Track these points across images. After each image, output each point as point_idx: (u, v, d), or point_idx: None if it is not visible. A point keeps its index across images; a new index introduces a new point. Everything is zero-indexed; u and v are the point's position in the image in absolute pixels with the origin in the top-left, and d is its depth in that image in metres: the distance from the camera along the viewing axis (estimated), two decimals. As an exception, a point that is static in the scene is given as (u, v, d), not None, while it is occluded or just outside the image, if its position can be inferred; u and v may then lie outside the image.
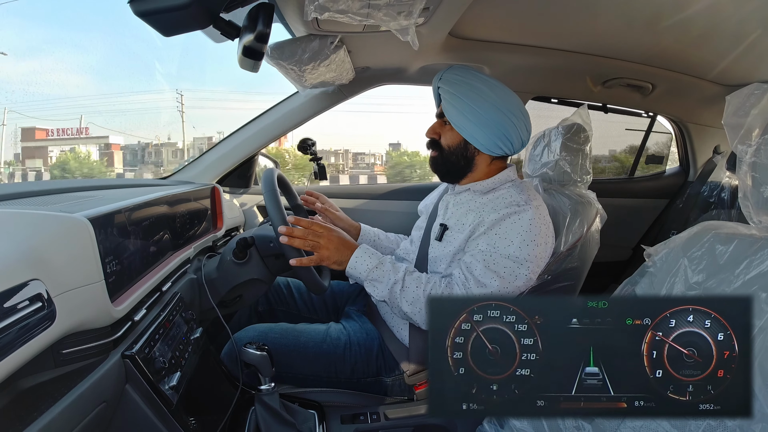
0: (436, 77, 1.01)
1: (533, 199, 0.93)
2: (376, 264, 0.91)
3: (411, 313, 0.90)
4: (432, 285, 0.90)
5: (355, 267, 0.91)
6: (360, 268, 0.91)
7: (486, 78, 0.97)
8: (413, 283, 0.90)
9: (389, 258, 0.94)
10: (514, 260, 0.87)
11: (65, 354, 0.55)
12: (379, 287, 0.90)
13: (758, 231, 0.60)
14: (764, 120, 0.58)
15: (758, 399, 0.48)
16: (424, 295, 0.89)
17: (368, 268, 0.90)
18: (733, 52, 1.24)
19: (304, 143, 1.46)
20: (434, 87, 1.02)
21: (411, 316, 0.90)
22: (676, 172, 1.96)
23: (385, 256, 0.94)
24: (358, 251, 0.92)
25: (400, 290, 0.89)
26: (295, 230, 0.88)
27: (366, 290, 0.92)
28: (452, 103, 0.96)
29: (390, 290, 0.89)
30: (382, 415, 0.97)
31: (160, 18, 0.61)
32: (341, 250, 0.92)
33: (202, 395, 0.88)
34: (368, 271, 0.90)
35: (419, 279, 0.91)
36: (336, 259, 0.91)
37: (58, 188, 0.88)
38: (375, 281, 0.90)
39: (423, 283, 0.90)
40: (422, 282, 0.90)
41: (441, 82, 0.99)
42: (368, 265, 0.91)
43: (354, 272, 0.92)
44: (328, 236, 0.91)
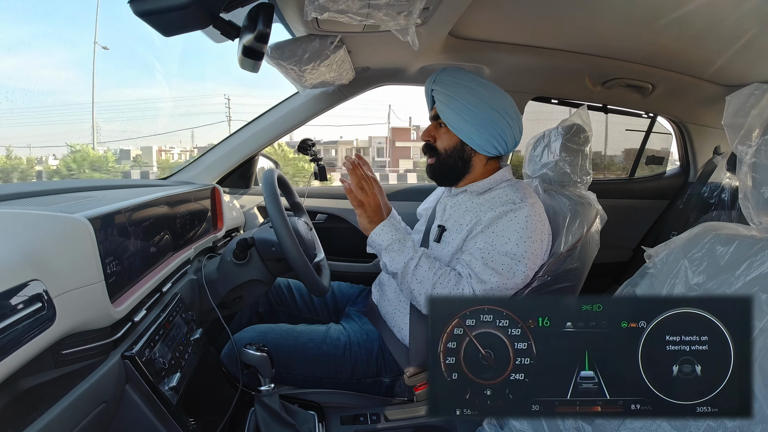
0: (429, 80, 1.02)
1: (529, 197, 0.94)
2: (400, 238, 0.95)
3: (417, 293, 0.92)
4: (443, 272, 0.92)
5: (380, 234, 0.95)
6: (384, 237, 0.94)
7: (479, 79, 0.98)
8: (427, 265, 0.92)
9: (412, 237, 0.99)
10: (512, 257, 0.89)
11: (65, 354, 0.56)
12: (397, 259, 0.93)
13: (759, 232, 0.59)
14: (764, 120, 0.58)
15: (758, 400, 0.48)
16: (434, 278, 0.91)
17: (392, 239, 0.94)
18: (733, 51, 1.24)
19: (305, 143, 1.46)
20: (427, 90, 1.03)
21: (416, 296, 0.92)
22: (676, 172, 1.96)
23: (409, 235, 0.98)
24: (388, 221, 0.97)
25: (414, 267, 0.92)
26: (359, 169, 0.96)
27: (381, 260, 0.95)
28: (448, 104, 0.96)
29: (405, 264, 0.92)
30: (382, 416, 0.97)
31: (160, 18, 0.61)
32: (378, 211, 0.97)
33: (202, 396, 0.88)
34: (391, 242, 0.94)
35: (433, 263, 0.93)
36: (370, 215, 0.96)
37: (59, 188, 0.88)
38: (394, 252, 0.93)
39: (436, 267, 0.92)
40: (435, 266, 0.93)
41: (435, 84, 0.99)
42: (393, 237, 0.94)
43: (377, 239, 0.95)
44: (372, 196, 0.97)
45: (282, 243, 0.88)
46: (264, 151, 1.56)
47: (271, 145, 1.51)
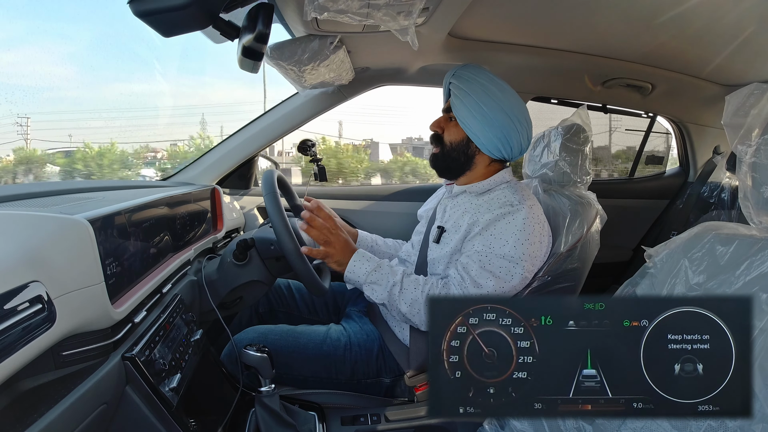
0: (448, 73, 1.02)
1: (527, 199, 0.94)
2: (374, 267, 0.93)
3: (409, 314, 0.91)
4: (430, 286, 0.91)
5: (354, 271, 0.93)
6: (358, 272, 0.93)
7: (498, 80, 0.99)
8: (411, 285, 0.91)
9: (386, 261, 0.96)
10: (510, 260, 0.89)
11: (65, 356, 0.55)
12: (378, 290, 0.92)
13: (759, 231, 0.59)
14: (764, 120, 0.58)
15: (759, 399, 0.48)
16: (423, 296, 0.90)
17: (366, 272, 0.92)
18: (732, 50, 1.24)
19: (304, 144, 1.46)
20: (445, 82, 1.04)
21: (410, 318, 0.91)
22: (676, 172, 1.96)
23: (382, 260, 0.96)
24: (356, 255, 0.94)
25: (399, 292, 0.91)
26: (315, 221, 0.92)
27: (365, 294, 0.94)
28: (461, 99, 0.97)
29: (389, 293, 0.91)
30: (383, 416, 0.96)
31: (159, 18, 0.61)
32: (345, 251, 0.94)
33: (203, 397, 0.88)
34: (366, 275, 0.92)
35: (417, 281, 0.92)
36: (338, 258, 0.94)
37: (58, 189, 0.88)
38: (373, 284, 0.92)
39: (421, 284, 0.92)
40: (420, 284, 0.92)
41: (453, 78, 1.00)
42: (366, 268, 0.93)
43: (353, 276, 0.93)
44: (338, 235, 0.95)
45: (280, 240, 0.87)
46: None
47: (270, 145, 1.51)
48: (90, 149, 7.11)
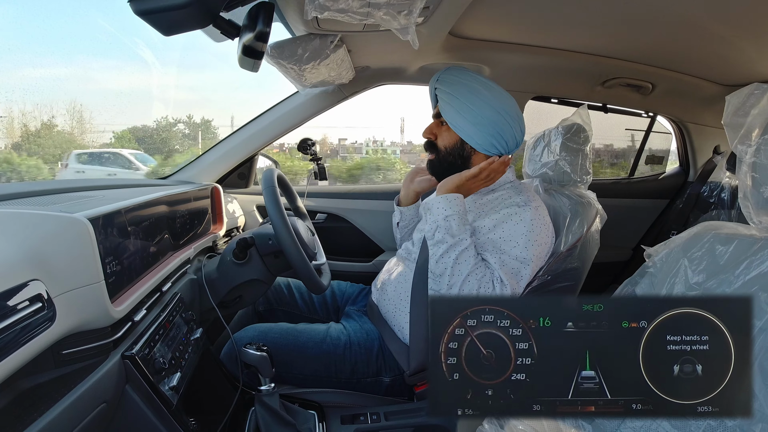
0: (432, 79, 1.02)
1: (533, 200, 0.94)
2: (466, 219, 0.92)
3: (440, 274, 0.90)
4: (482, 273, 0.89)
5: (456, 200, 0.92)
6: (455, 206, 0.91)
7: (482, 79, 0.99)
8: (472, 259, 0.89)
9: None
10: (521, 261, 0.90)
11: (65, 354, 0.55)
12: (455, 229, 0.90)
13: (758, 231, 0.60)
14: (764, 120, 0.58)
15: (758, 399, 0.48)
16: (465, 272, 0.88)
17: (462, 212, 0.92)
18: (732, 50, 1.24)
19: (304, 143, 1.46)
20: (431, 88, 1.04)
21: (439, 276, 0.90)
22: (676, 172, 1.96)
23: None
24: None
25: (463, 250, 0.89)
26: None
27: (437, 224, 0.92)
28: (449, 102, 0.97)
29: (459, 240, 0.89)
30: (382, 415, 0.96)
31: (160, 17, 0.61)
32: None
33: (202, 396, 0.88)
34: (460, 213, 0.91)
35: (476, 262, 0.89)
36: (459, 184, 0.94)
37: (58, 188, 0.88)
38: (455, 222, 0.90)
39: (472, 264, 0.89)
40: (479, 260, 0.89)
41: (438, 83, 1.00)
42: (462, 209, 0.92)
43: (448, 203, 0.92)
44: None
45: (278, 234, 0.87)
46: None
47: (270, 144, 1.51)
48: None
